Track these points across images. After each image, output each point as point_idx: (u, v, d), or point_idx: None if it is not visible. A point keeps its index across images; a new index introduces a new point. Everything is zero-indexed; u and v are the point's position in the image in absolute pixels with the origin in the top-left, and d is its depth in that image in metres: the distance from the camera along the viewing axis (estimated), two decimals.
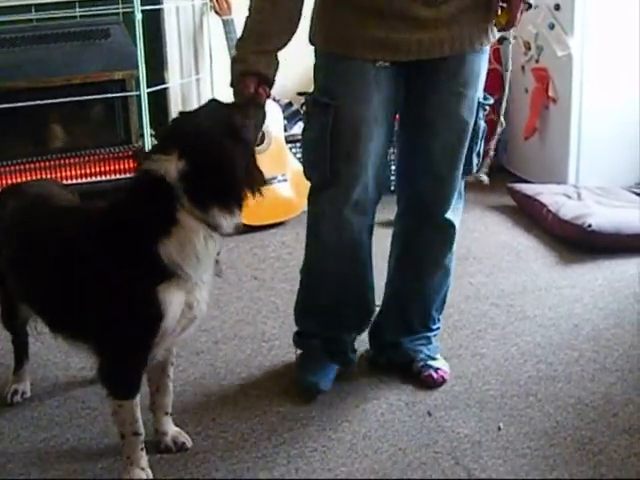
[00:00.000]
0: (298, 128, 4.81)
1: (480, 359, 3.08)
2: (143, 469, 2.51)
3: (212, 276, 2.50)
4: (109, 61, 4.37)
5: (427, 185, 2.86)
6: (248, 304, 3.64)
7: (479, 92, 2.77)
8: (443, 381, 2.98)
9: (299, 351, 3.09)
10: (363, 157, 2.75)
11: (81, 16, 4.42)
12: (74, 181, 4.38)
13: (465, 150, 2.81)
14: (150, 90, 4.18)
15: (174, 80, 4.62)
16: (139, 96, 4.17)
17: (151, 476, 2.53)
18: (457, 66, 2.70)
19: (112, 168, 4.46)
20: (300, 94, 4.97)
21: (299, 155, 4.71)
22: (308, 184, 4.49)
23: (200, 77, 4.66)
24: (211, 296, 3.52)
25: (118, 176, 4.44)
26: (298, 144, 4.73)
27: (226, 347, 3.28)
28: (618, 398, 2.91)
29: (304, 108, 2.88)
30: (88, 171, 4.43)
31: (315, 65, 2.82)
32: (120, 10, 4.41)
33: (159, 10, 4.53)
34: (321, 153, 2.76)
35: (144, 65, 4.11)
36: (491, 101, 2.84)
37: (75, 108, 4.34)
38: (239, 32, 4.35)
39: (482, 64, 2.76)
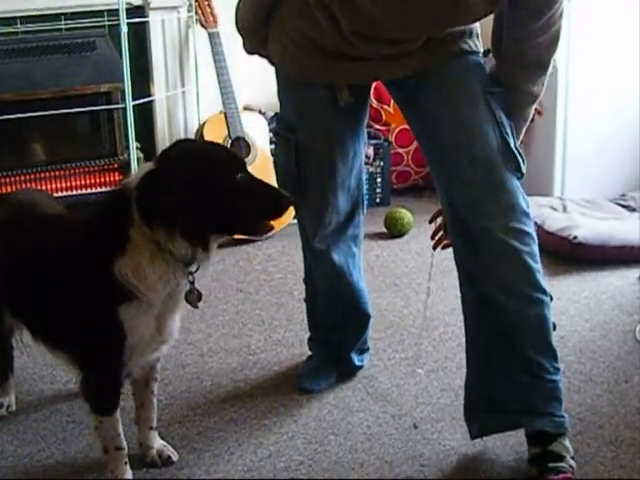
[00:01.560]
0: None
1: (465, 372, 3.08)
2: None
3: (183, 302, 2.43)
4: (95, 74, 4.36)
5: (461, 195, 2.51)
6: (234, 317, 3.63)
7: (479, 84, 2.51)
8: None
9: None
10: (331, 184, 2.75)
11: (67, 29, 4.42)
12: (60, 194, 4.37)
13: (491, 146, 2.47)
14: (136, 103, 4.18)
15: (160, 93, 4.62)
16: (125, 109, 4.17)
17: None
18: (432, 71, 2.52)
19: (98, 181, 4.45)
20: None
21: None
22: None
23: (186, 90, 4.67)
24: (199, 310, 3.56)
25: (104, 189, 4.43)
26: None
27: (212, 360, 3.27)
28: (604, 410, 2.92)
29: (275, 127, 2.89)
30: (74, 184, 4.42)
31: (277, 83, 2.78)
32: (106, 23, 4.42)
33: (145, 23, 4.54)
34: (290, 182, 2.72)
35: (130, 78, 4.11)
36: (502, 90, 2.53)
37: (61, 121, 4.32)
38: (225, 44, 4.44)
39: (468, 62, 2.54)
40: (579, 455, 2.64)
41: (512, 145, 2.48)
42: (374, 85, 5.06)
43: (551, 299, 2.55)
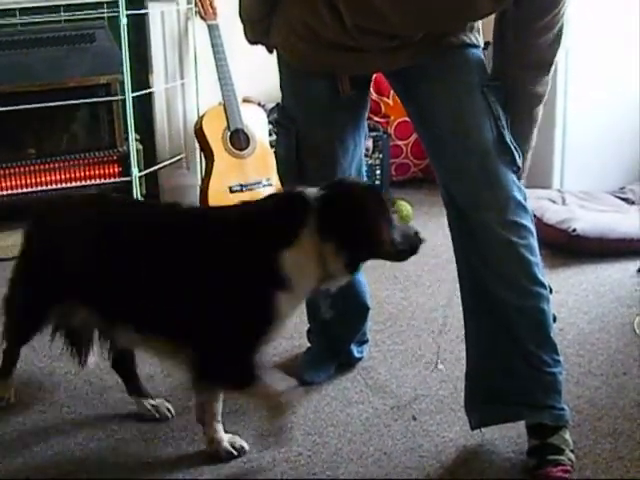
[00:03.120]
0: None
1: (465, 363, 3.08)
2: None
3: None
4: (94, 65, 4.36)
5: (457, 186, 2.53)
6: None
7: (477, 77, 2.51)
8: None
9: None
10: (331, 175, 2.69)
11: (66, 20, 4.41)
12: (59, 186, 4.38)
13: (487, 138, 2.47)
14: (135, 95, 4.18)
15: (159, 85, 4.62)
16: (124, 100, 4.17)
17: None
18: (432, 62, 2.52)
19: (97, 173, 4.46)
20: None
21: None
22: None
23: (185, 82, 4.66)
24: None
25: (103, 180, 4.44)
26: None
27: None
28: (603, 402, 2.92)
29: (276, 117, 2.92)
30: (73, 176, 4.42)
31: (279, 72, 2.79)
32: (105, 14, 4.41)
33: (144, 15, 4.53)
34: (290, 172, 2.78)
35: (129, 69, 4.11)
36: (499, 85, 2.52)
37: (60, 112, 4.32)
38: (224, 36, 4.44)
39: (467, 54, 2.53)
40: (577, 447, 2.64)
41: (507, 138, 2.48)
42: (374, 77, 5.07)
43: (550, 292, 2.55)
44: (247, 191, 4.44)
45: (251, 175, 4.48)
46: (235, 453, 2.66)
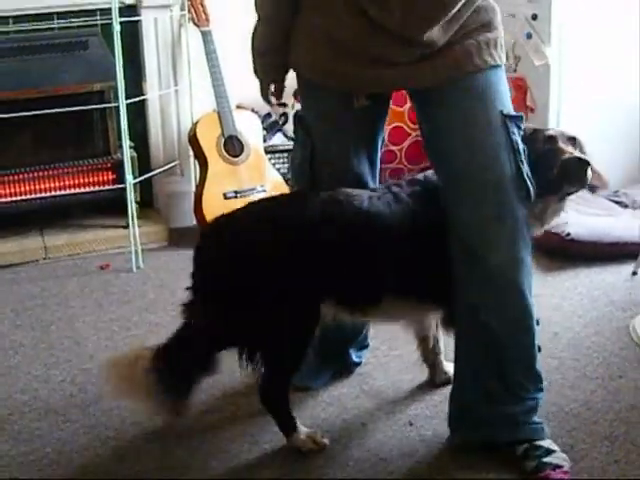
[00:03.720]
0: (277, 139, 4.83)
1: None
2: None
3: None
4: (88, 73, 4.36)
5: (468, 219, 2.54)
6: None
7: (499, 104, 2.52)
8: None
9: None
10: (344, 184, 2.69)
11: (59, 28, 4.41)
12: (53, 193, 4.38)
13: (497, 172, 2.50)
14: (129, 102, 4.18)
15: (153, 92, 4.61)
16: (117, 108, 4.17)
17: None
18: (455, 86, 2.51)
19: (91, 180, 4.45)
20: (279, 104, 5.00)
21: (278, 166, 4.73)
22: None
23: (179, 88, 4.66)
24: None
25: (97, 188, 4.44)
26: (277, 154, 4.76)
27: None
28: (598, 405, 2.93)
29: (294, 124, 2.87)
30: (67, 183, 4.42)
31: (297, 85, 2.78)
32: (98, 22, 4.41)
33: (137, 22, 4.53)
34: (303, 181, 2.80)
35: (123, 77, 4.10)
36: (521, 115, 2.58)
37: (54, 120, 4.32)
38: (217, 43, 4.44)
39: (490, 79, 2.53)
40: (574, 451, 2.66)
41: (525, 173, 2.52)
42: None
43: (537, 324, 2.65)
44: (241, 197, 4.43)
45: (245, 181, 4.47)
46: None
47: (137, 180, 4.33)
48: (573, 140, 2.75)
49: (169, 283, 3.97)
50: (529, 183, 2.52)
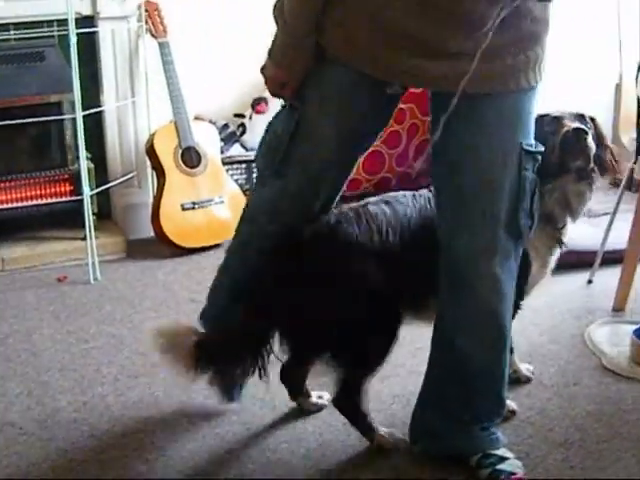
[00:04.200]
0: (235, 150, 4.84)
1: (418, 377, 3.08)
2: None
3: None
4: (44, 84, 4.34)
5: (463, 245, 2.51)
6: None
7: (521, 136, 2.44)
8: None
9: None
10: (315, 173, 2.57)
11: (16, 39, 4.38)
12: (10, 205, 4.35)
13: (500, 205, 2.46)
14: (86, 113, 4.16)
15: (110, 103, 4.60)
16: (74, 119, 4.15)
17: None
18: (486, 104, 2.39)
19: (48, 192, 4.43)
20: (237, 115, 5.03)
21: (236, 177, 4.73)
22: (244, 205, 4.49)
23: (136, 100, 4.65)
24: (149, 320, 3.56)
25: (54, 200, 4.42)
26: (235, 166, 4.76)
27: (164, 370, 3.25)
28: (554, 413, 2.96)
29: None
30: (24, 195, 4.39)
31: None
32: (55, 33, 4.39)
33: (95, 33, 4.51)
34: (274, 154, 2.59)
35: (79, 88, 4.08)
36: (541, 149, 2.51)
37: (10, 131, 4.29)
38: (175, 54, 4.44)
39: (523, 104, 2.44)
40: (529, 458, 2.68)
41: (520, 212, 2.49)
42: None
43: (512, 353, 2.79)
44: (199, 208, 4.44)
45: (203, 192, 4.48)
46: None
47: (94, 192, 4.31)
48: (581, 117, 2.76)
49: (127, 295, 3.96)
50: (524, 221, 2.50)
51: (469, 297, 2.55)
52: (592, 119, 2.81)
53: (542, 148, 2.51)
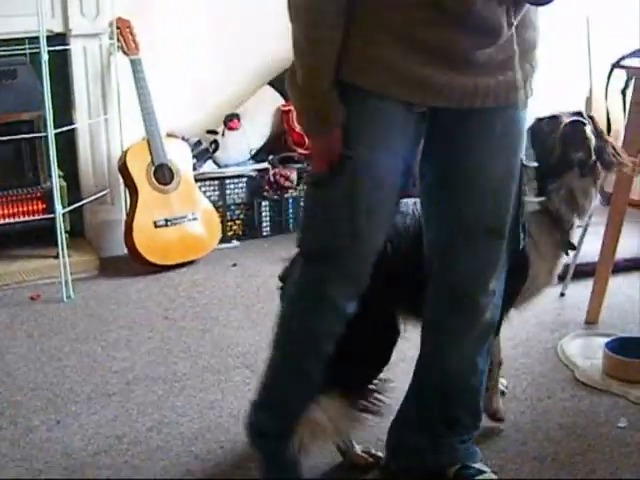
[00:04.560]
0: (207, 166, 4.84)
1: (390, 392, 3.09)
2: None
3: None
4: (16, 102, 4.33)
5: (460, 263, 2.45)
6: (159, 344, 3.62)
7: (520, 149, 2.41)
8: None
9: None
10: (384, 214, 2.36)
11: None
12: None
13: (505, 220, 2.43)
14: (58, 131, 4.15)
15: (82, 120, 4.59)
16: (47, 137, 4.14)
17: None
18: (496, 117, 2.31)
19: (21, 210, 4.41)
20: (209, 132, 5.04)
21: (209, 193, 4.73)
22: (218, 221, 4.52)
23: (108, 117, 4.64)
24: (124, 337, 3.55)
25: (27, 218, 4.40)
26: (207, 182, 4.77)
27: (137, 388, 3.25)
28: (527, 426, 2.96)
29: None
30: None
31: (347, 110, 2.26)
32: (27, 51, 4.38)
33: (66, 50, 4.51)
34: (339, 214, 2.30)
35: (51, 106, 4.08)
36: (534, 164, 2.58)
37: None
38: (147, 71, 4.44)
39: (524, 116, 2.39)
40: (503, 472, 2.69)
41: (521, 224, 2.50)
42: None
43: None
44: (172, 225, 4.44)
45: (176, 209, 4.47)
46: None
47: (67, 210, 4.30)
48: (579, 113, 2.78)
49: (100, 313, 3.95)
50: (521, 236, 2.50)
51: (470, 312, 2.53)
52: (590, 117, 2.82)
53: (534, 164, 2.58)
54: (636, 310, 3.89)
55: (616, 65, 3.60)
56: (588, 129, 2.72)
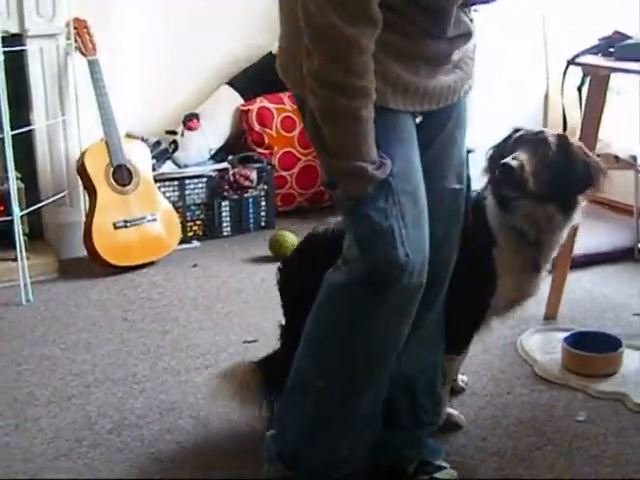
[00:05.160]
0: (167, 167, 4.83)
1: None
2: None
3: None
4: None
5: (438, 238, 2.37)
6: (119, 346, 3.60)
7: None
8: None
9: None
10: (424, 223, 2.29)
11: None
12: None
13: (461, 207, 2.51)
14: (14, 132, 4.12)
15: (40, 122, 4.56)
16: (3, 139, 4.11)
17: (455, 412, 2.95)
18: (457, 110, 2.41)
19: None
20: (168, 132, 5.03)
21: (168, 194, 4.72)
22: (178, 222, 4.50)
23: (66, 118, 4.61)
24: (83, 340, 3.53)
25: None
26: (167, 183, 4.75)
27: (97, 391, 3.23)
28: (487, 422, 2.98)
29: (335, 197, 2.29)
30: None
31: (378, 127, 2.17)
32: None
33: (23, 51, 4.48)
34: (389, 239, 2.20)
35: (7, 107, 4.05)
36: (475, 150, 2.60)
37: None
38: (105, 72, 4.42)
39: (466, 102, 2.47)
40: (463, 468, 2.70)
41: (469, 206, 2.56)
42: (257, 109, 5.10)
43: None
44: (131, 226, 4.42)
45: (135, 210, 4.45)
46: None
47: (25, 212, 4.27)
48: (537, 140, 2.66)
49: (60, 316, 3.92)
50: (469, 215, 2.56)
51: (439, 303, 2.56)
52: (561, 136, 2.70)
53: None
54: (595, 305, 3.93)
55: (571, 62, 3.62)
56: (517, 173, 2.56)
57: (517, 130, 2.72)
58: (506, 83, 4.70)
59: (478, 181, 2.66)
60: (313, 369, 2.39)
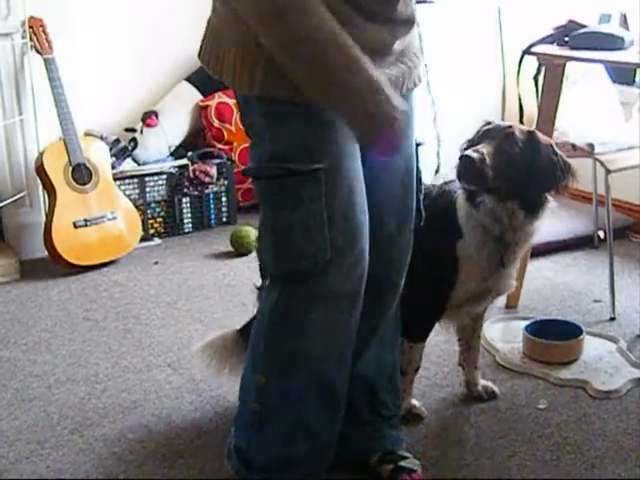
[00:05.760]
0: (126, 164, 4.80)
1: None
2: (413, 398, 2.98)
3: None
4: None
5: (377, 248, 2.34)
6: (80, 346, 3.58)
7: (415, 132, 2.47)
8: None
9: None
10: (361, 218, 2.26)
11: None
12: None
13: (413, 201, 2.49)
14: None
15: None
16: None
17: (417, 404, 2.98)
18: (410, 98, 2.38)
19: None
20: (127, 130, 5.00)
21: (128, 192, 4.69)
22: (138, 219, 4.48)
23: (24, 118, 4.58)
24: (44, 341, 3.50)
25: None
26: (127, 181, 4.73)
27: (59, 391, 3.21)
28: (448, 412, 3.00)
29: (256, 188, 2.32)
30: None
31: (270, 121, 2.18)
32: None
33: None
34: (315, 232, 2.20)
35: None
36: (424, 143, 2.58)
37: None
38: (61, 71, 4.39)
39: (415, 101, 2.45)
40: (425, 459, 2.71)
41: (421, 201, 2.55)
42: (215, 105, 5.08)
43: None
44: (92, 225, 4.39)
45: (95, 209, 4.43)
46: (485, 397, 3.07)
47: None
48: (504, 135, 2.64)
49: (20, 317, 3.89)
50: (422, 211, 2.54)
51: (397, 301, 2.58)
52: (531, 132, 2.68)
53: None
54: (555, 292, 3.96)
55: (527, 52, 3.64)
56: (477, 166, 2.55)
57: (488, 123, 2.72)
58: (463, 75, 4.71)
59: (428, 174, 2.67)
60: (258, 366, 2.38)
